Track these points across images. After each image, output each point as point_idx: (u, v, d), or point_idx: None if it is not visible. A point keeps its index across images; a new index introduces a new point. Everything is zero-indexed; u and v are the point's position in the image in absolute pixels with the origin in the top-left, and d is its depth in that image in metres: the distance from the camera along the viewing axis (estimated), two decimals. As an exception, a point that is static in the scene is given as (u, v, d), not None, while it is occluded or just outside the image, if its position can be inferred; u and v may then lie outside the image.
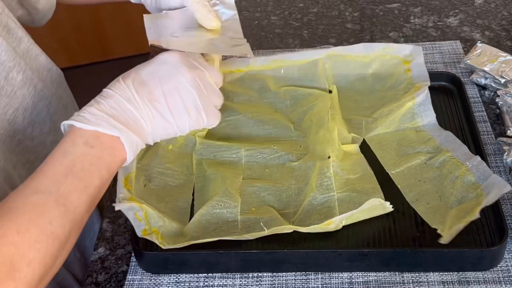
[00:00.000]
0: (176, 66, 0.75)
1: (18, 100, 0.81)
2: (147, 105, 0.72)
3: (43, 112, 0.87)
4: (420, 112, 0.92)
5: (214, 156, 0.89)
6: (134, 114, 0.72)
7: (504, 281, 0.74)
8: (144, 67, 0.75)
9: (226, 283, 0.77)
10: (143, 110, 0.72)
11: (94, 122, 0.69)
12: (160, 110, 0.73)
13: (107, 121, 0.69)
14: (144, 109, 0.72)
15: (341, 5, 1.28)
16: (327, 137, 0.87)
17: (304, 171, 0.86)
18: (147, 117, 0.72)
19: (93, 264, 0.82)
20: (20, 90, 0.81)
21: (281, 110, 0.96)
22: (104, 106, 0.70)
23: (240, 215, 0.81)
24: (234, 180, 0.85)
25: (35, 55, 0.87)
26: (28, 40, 0.86)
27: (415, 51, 0.98)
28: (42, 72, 0.88)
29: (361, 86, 0.99)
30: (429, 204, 0.81)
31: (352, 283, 0.76)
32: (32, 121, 0.84)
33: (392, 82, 0.97)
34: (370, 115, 0.93)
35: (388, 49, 1.00)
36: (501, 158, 0.89)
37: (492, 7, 1.22)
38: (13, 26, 0.84)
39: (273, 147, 0.89)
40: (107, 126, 0.69)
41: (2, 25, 0.81)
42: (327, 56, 1.00)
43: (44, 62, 0.89)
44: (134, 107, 0.72)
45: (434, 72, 0.99)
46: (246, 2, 1.31)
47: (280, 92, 0.98)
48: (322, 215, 0.80)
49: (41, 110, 0.86)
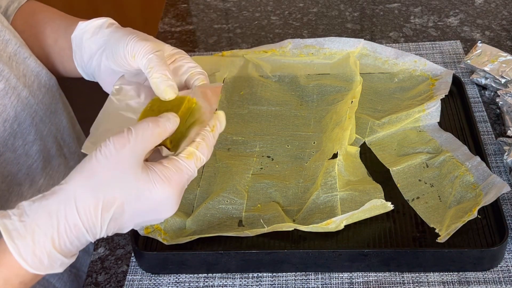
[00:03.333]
0: (168, 202, 0.60)
1: None
2: (109, 234, 0.60)
3: (27, 121, 0.82)
4: (425, 119, 0.92)
5: (228, 149, 0.92)
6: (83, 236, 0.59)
7: (504, 281, 0.74)
8: (130, 203, 0.58)
9: (226, 283, 0.77)
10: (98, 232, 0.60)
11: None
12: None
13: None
14: (103, 236, 0.60)
15: (341, 5, 1.28)
16: (340, 135, 0.87)
17: (312, 170, 0.87)
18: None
19: (93, 264, 0.82)
20: (0, 100, 0.77)
21: (307, 103, 0.99)
22: (63, 242, 0.58)
23: (245, 212, 0.82)
24: (243, 176, 0.86)
25: (23, 58, 0.83)
26: (16, 42, 0.82)
27: (447, 73, 0.98)
28: (29, 77, 0.84)
29: (381, 89, 1.00)
30: (428, 204, 0.81)
31: (352, 283, 0.76)
32: (13, 132, 0.80)
33: (413, 94, 0.98)
34: (379, 118, 0.93)
35: (419, 63, 1.01)
36: (501, 158, 0.89)
37: (492, 7, 1.22)
38: (0, 28, 0.80)
39: (287, 146, 0.91)
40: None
41: None
42: (359, 54, 1.03)
43: (33, 65, 0.85)
44: (93, 238, 0.59)
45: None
46: (246, 2, 1.31)
47: (309, 87, 1.01)
48: (324, 214, 0.80)
49: (24, 119, 0.82)
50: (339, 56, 1.04)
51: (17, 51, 0.83)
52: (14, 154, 0.80)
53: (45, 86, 0.87)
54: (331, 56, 1.04)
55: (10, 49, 0.82)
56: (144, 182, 0.58)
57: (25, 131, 0.82)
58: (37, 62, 0.86)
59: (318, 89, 1.00)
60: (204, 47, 1.19)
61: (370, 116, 0.94)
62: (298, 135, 0.93)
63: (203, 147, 0.63)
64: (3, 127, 0.78)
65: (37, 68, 0.86)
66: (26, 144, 0.82)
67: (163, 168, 0.59)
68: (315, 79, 1.02)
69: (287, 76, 1.03)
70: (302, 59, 1.05)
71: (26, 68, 0.84)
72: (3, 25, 0.81)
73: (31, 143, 0.83)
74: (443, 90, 0.93)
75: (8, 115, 0.79)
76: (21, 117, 0.81)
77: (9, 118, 0.79)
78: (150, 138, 0.60)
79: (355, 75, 0.99)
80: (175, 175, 0.60)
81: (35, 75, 0.85)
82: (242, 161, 0.89)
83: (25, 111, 0.82)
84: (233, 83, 1.02)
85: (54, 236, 0.57)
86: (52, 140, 0.87)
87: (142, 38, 0.68)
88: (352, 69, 1.00)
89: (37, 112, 0.84)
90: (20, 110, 0.81)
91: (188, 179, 0.62)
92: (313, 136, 0.93)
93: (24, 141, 0.82)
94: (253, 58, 1.05)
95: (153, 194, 0.59)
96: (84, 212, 0.57)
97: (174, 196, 0.60)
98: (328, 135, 0.91)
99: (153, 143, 0.60)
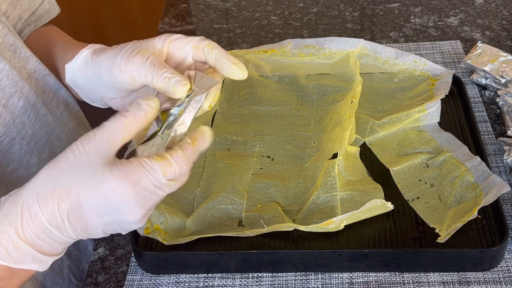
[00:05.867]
0: (125, 201, 0.57)
1: (17, 128, 0.77)
2: (79, 234, 0.59)
3: (44, 139, 0.82)
4: (425, 119, 0.92)
5: (228, 149, 0.92)
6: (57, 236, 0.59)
7: (505, 281, 0.74)
8: (86, 195, 0.56)
9: (226, 283, 0.77)
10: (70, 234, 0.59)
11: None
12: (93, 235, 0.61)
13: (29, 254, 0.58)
14: (72, 234, 0.59)
15: (341, 5, 1.28)
16: (340, 135, 0.88)
17: (312, 170, 0.87)
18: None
19: (93, 264, 0.82)
20: (19, 117, 0.77)
21: (307, 103, 0.99)
22: (27, 233, 0.57)
23: (245, 212, 0.82)
24: (243, 176, 0.86)
25: (43, 75, 0.82)
26: (36, 59, 0.81)
27: (447, 73, 0.98)
28: (48, 94, 0.83)
29: (381, 89, 1.00)
30: (428, 204, 0.81)
31: (352, 283, 0.76)
32: (30, 150, 0.79)
33: (413, 94, 0.98)
34: (379, 118, 0.93)
35: (420, 63, 1.01)
36: (501, 158, 0.89)
37: (492, 7, 1.22)
38: (20, 46, 0.79)
39: (287, 146, 0.91)
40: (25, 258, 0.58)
41: (8, 45, 0.77)
42: (359, 54, 1.02)
43: (52, 82, 0.84)
44: (61, 233, 0.58)
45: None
46: (246, 2, 1.31)
47: (309, 87, 1.01)
48: (324, 214, 0.80)
49: (41, 137, 0.81)
50: (339, 56, 1.04)
51: (37, 68, 0.82)
52: (27, 171, 0.79)
53: (64, 103, 0.87)
54: (331, 56, 1.04)
55: (30, 66, 0.81)
56: (100, 174, 0.56)
57: (41, 149, 0.81)
58: (56, 80, 0.85)
59: (318, 89, 1.00)
60: (204, 47, 1.19)
61: (370, 116, 0.94)
62: (298, 135, 0.93)
63: (178, 156, 0.58)
64: (20, 145, 0.78)
65: (56, 85, 0.85)
66: (41, 162, 0.81)
67: (126, 163, 0.57)
68: (315, 79, 1.02)
69: (287, 76, 1.03)
70: (302, 59, 1.05)
71: (45, 85, 0.83)
72: (22, 43, 0.80)
73: (45, 160, 0.82)
74: (443, 90, 0.93)
75: (26, 133, 0.78)
76: (39, 135, 0.81)
77: (27, 136, 0.78)
78: (117, 131, 0.57)
79: (355, 75, 0.99)
80: (134, 170, 0.56)
81: (54, 92, 0.84)
82: (242, 161, 0.89)
83: (43, 129, 0.82)
84: (233, 83, 1.02)
85: (17, 225, 0.56)
86: None
87: (129, 55, 0.65)
88: (352, 69, 1.00)
89: (54, 130, 0.84)
90: (38, 128, 0.81)
91: (152, 180, 0.56)
92: (313, 136, 0.93)
93: (39, 159, 0.81)
94: (253, 58, 1.05)
95: (109, 187, 0.56)
96: (42, 201, 0.56)
97: (131, 194, 0.56)
98: (328, 135, 0.91)
99: (123, 135, 0.57)
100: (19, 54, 0.79)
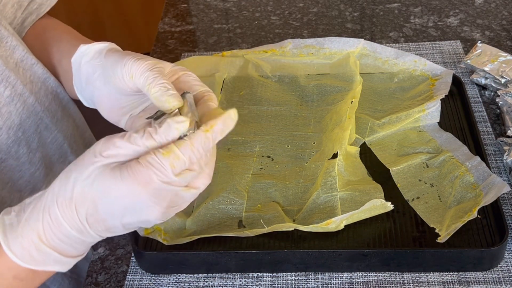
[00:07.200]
0: (138, 202, 0.57)
1: (3, 118, 0.76)
2: (101, 234, 0.60)
3: (31, 128, 0.81)
4: (425, 119, 0.92)
5: (228, 149, 0.91)
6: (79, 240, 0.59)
7: (505, 281, 0.74)
8: (100, 199, 0.57)
9: (226, 283, 0.77)
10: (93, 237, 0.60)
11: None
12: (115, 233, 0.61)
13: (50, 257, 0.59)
14: (94, 235, 0.59)
15: (341, 5, 1.28)
16: (340, 135, 0.88)
17: (312, 170, 0.87)
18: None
19: (93, 264, 0.82)
20: (6, 107, 0.77)
21: (307, 103, 0.99)
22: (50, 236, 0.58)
23: (245, 212, 0.82)
24: (243, 176, 0.86)
25: (30, 64, 0.82)
26: (23, 48, 0.81)
27: (446, 73, 0.98)
28: (36, 84, 0.83)
29: (381, 89, 1.00)
30: (428, 204, 0.81)
31: (352, 283, 0.76)
32: (18, 139, 0.79)
33: (413, 94, 0.98)
34: (379, 118, 0.93)
35: (419, 63, 1.01)
36: (501, 158, 0.89)
37: (492, 7, 1.22)
38: (6, 35, 0.79)
39: (287, 146, 0.91)
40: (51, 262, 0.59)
41: None
42: (359, 54, 1.03)
43: (40, 72, 0.83)
44: (83, 236, 0.59)
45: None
46: (246, 2, 1.31)
47: (309, 87, 1.01)
48: (324, 214, 0.80)
49: (29, 126, 0.81)
50: (339, 56, 1.04)
51: (24, 57, 0.82)
52: (17, 161, 0.80)
53: (52, 93, 0.86)
54: (331, 56, 1.04)
55: (17, 55, 0.81)
56: (110, 178, 0.56)
57: (29, 138, 0.81)
58: (44, 69, 0.84)
59: (318, 89, 1.00)
60: (204, 47, 1.19)
61: (370, 116, 0.94)
62: (298, 135, 0.93)
63: (186, 147, 0.56)
64: (7, 134, 0.77)
65: (45, 75, 0.85)
66: (30, 152, 0.81)
67: (134, 164, 0.56)
68: (315, 79, 1.02)
69: (287, 76, 1.03)
70: (302, 59, 1.05)
71: (33, 74, 0.83)
72: (9, 32, 0.80)
73: (35, 150, 0.82)
74: (443, 90, 0.93)
75: (13, 122, 0.78)
76: (26, 124, 0.81)
77: (13, 125, 0.78)
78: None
79: (355, 75, 0.99)
80: (143, 171, 0.55)
81: (42, 81, 0.84)
82: (242, 161, 0.89)
83: (31, 118, 0.81)
84: (233, 83, 1.02)
85: (39, 229, 0.57)
86: (56, 148, 0.87)
87: (140, 58, 0.64)
88: (352, 69, 1.00)
89: (42, 119, 0.84)
90: (26, 117, 0.80)
91: (161, 178, 0.55)
92: (313, 136, 0.93)
93: (28, 148, 0.81)
94: (253, 58, 1.05)
95: (120, 192, 0.56)
96: (61, 206, 0.57)
97: (143, 194, 0.56)
98: (328, 135, 0.91)
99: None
100: (5, 43, 0.79)
